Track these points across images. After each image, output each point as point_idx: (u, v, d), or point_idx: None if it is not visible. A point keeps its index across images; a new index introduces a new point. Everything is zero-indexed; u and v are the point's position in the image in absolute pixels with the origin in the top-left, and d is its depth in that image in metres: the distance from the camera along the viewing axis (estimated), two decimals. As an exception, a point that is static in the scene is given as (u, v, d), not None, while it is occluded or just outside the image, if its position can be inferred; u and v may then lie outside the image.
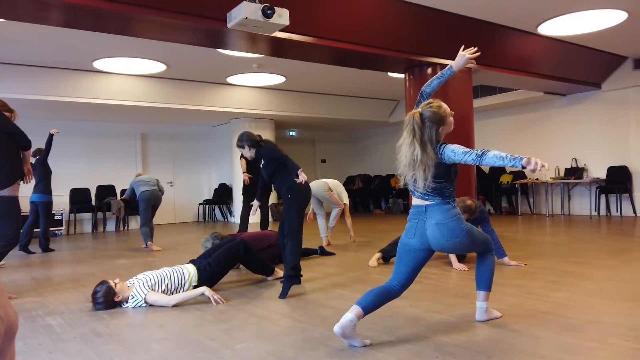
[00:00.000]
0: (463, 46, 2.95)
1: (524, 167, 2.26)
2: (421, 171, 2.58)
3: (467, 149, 2.48)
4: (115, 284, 3.65)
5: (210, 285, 3.91)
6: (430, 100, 2.74)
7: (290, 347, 2.64)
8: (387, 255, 5.16)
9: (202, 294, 3.70)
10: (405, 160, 2.62)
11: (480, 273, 2.89)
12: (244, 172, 7.33)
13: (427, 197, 2.67)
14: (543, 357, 2.33)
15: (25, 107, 9.01)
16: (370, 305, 2.60)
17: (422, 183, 2.60)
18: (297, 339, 2.78)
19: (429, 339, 2.67)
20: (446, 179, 2.64)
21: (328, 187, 6.55)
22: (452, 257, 4.74)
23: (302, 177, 4.14)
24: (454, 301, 3.47)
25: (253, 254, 4.29)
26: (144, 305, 3.62)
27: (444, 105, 2.70)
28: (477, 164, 2.44)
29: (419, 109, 2.68)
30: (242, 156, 7.21)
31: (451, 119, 2.72)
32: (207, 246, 4.73)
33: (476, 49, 2.90)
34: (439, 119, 2.63)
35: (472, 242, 2.71)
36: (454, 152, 2.52)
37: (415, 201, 2.73)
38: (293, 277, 4.00)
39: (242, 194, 7.47)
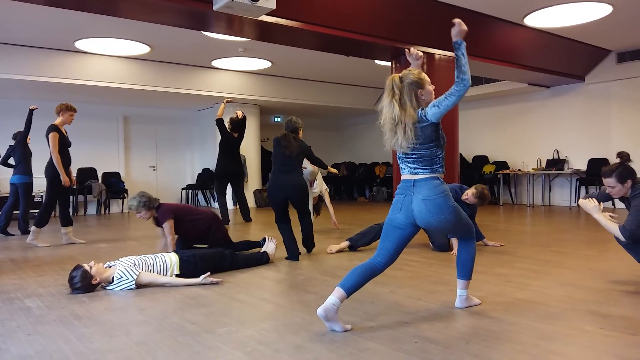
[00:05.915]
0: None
1: None
2: (401, 131, 2.61)
3: (444, 95, 2.55)
4: (91, 267, 3.60)
5: (192, 277, 3.83)
6: (411, 68, 2.79)
7: (272, 331, 2.65)
8: (355, 245, 5.19)
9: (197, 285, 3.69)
10: (386, 120, 2.66)
11: (461, 261, 2.92)
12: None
13: (416, 171, 2.68)
14: (520, 344, 2.37)
15: (4, 87, 8.85)
16: (354, 286, 2.63)
17: (405, 142, 2.62)
18: (278, 323, 2.79)
19: (409, 324, 2.69)
20: (436, 144, 2.65)
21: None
22: (454, 241, 4.70)
23: None
24: (434, 288, 3.51)
25: (241, 262, 4.34)
26: (132, 287, 3.60)
27: (424, 74, 2.75)
28: (458, 96, 2.52)
29: (400, 73, 2.73)
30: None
31: (430, 88, 2.73)
32: (132, 204, 4.66)
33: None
34: (418, 81, 2.68)
35: (457, 221, 2.72)
36: (434, 105, 2.58)
37: (405, 176, 2.74)
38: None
39: (215, 179, 7.56)
